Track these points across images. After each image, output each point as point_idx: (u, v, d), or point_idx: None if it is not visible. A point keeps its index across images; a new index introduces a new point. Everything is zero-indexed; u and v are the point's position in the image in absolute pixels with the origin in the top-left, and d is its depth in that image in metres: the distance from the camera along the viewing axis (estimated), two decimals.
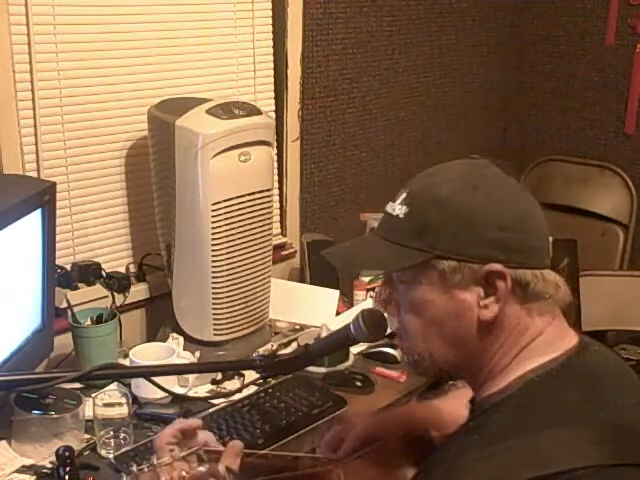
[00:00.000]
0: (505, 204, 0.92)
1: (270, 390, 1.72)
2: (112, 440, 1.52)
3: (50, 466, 1.44)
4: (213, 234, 1.76)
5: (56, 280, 1.77)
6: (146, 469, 0.94)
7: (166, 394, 1.64)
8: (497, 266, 0.89)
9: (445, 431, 1.10)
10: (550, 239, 0.95)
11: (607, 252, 2.96)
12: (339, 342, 1.29)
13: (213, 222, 1.75)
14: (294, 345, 1.95)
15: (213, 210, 1.75)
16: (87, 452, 1.52)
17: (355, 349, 1.92)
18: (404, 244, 0.93)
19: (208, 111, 1.75)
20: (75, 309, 1.79)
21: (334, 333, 1.30)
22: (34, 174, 1.82)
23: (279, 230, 2.42)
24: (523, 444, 0.82)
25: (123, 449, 1.50)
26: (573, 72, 3.09)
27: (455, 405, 1.15)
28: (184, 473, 0.96)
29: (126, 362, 1.74)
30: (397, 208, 0.95)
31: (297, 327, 2.06)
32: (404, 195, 0.96)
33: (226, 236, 1.78)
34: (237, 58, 2.19)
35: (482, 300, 0.91)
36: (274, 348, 1.92)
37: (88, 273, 1.92)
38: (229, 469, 0.98)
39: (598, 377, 0.91)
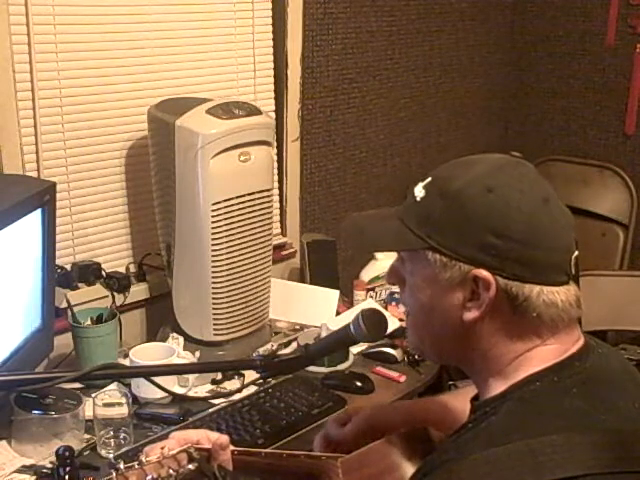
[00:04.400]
0: (515, 213, 0.88)
1: (270, 390, 1.72)
2: (112, 440, 1.52)
3: (50, 466, 1.44)
4: (213, 234, 1.76)
5: (56, 280, 1.77)
6: (137, 465, 0.94)
7: (166, 394, 1.65)
8: (484, 273, 0.88)
9: (447, 429, 1.10)
10: (574, 255, 0.92)
11: (607, 252, 2.96)
12: (339, 342, 1.29)
13: (213, 222, 1.75)
14: (294, 345, 1.95)
15: (213, 210, 1.75)
16: (87, 452, 1.52)
17: (355, 349, 1.92)
18: (410, 227, 0.94)
19: (208, 111, 1.75)
20: (75, 309, 1.79)
21: (334, 333, 1.30)
22: (34, 174, 1.82)
23: (279, 230, 2.42)
24: (523, 449, 0.81)
25: (123, 449, 1.50)
26: (573, 72, 3.09)
27: (460, 403, 1.14)
28: (171, 471, 0.95)
29: (126, 362, 1.74)
30: (418, 190, 0.95)
31: (297, 327, 2.06)
32: (428, 179, 0.95)
33: (226, 236, 1.78)
34: (237, 58, 2.19)
35: (467, 302, 0.91)
36: (274, 348, 1.92)
37: (88, 273, 1.92)
38: (221, 467, 0.98)
39: (601, 381, 0.90)
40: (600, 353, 0.94)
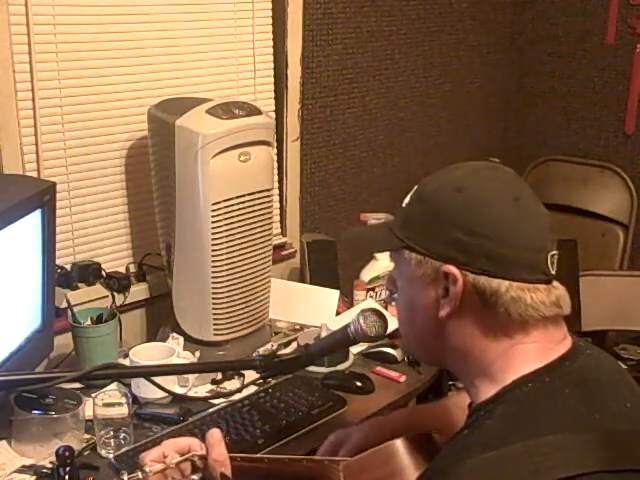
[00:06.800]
0: (483, 210, 0.91)
1: (270, 390, 1.72)
2: (112, 440, 1.52)
3: (50, 466, 1.43)
4: (213, 234, 1.76)
5: (56, 280, 1.77)
6: (140, 475, 0.93)
7: (166, 394, 1.65)
8: (452, 268, 0.91)
9: (449, 433, 1.09)
10: (549, 254, 0.92)
11: (607, 252, 2.96)
12: (339, 342, 1.29)
13: (213, 222, 1.75)
14: (294, 345, 1.95)
15: (213, 210, 1.75)
16: (87, 452, 1.52)
17: (355, 349, 1.92)
18: (393, 231, 1.00)
19: (208, 111, 1.75)
20: (75, 309, 1.79)
21: (334, 333, 1.30)
22: (34, 174, 1.82)
23: (279, 230, 2.42)
24: (519, 451, 0.81)
25: (123, 449, 1.50)
26: (573, 72, 3.09)
27: (458, 409, 1.14)
28: None
29: (126, 362, 1.74)
30: (407, 197, 1.01)
31: (297, 327, 2.06)
32: (416, 186, 1.01)
33: (226, 236, 1.78)
34: (237, 58, 2.19)
35: (440, 299, 0.94)
36: (274, 348, 1.92)
37: (88, 273, 1.92)
38: (225, 476, 0.97)
39: (592, 381, 0.90)
40: (589, 354, 0.95)
